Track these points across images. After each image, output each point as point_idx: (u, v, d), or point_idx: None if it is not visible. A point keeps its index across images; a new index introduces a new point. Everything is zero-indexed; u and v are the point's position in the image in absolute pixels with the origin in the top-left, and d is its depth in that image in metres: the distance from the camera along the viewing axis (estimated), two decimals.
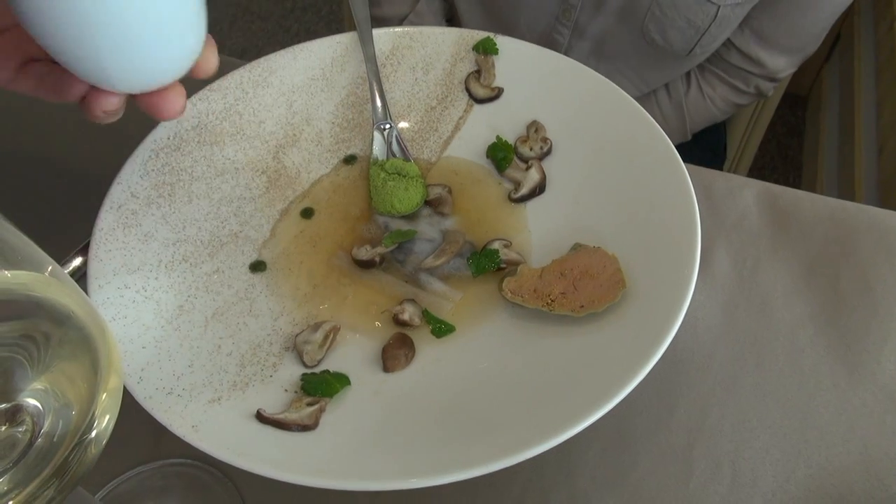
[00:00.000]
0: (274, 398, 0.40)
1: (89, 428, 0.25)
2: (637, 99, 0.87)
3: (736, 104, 0.83)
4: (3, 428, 0.25)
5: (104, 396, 0.25)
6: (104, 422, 0.25)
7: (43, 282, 0.25)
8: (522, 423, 0.37)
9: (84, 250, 0.51)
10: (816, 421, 0.43)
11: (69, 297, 0.26)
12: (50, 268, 0.26)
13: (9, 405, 0.25)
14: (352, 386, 0.41)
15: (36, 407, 0.26)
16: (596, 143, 0.51)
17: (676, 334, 0.37)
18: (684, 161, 0.46)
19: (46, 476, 0.24)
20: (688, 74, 0.82)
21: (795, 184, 1.61)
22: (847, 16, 1.55)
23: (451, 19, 0.90)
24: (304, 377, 0.41)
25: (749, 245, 0.51)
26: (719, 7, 0.69)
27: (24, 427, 0.25)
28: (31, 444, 0.25)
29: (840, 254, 0.51)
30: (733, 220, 0.53)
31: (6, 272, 0.25)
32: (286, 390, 0.41)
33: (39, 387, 0.26)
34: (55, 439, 0.25)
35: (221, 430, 0.36)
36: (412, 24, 0.55)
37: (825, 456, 0.42)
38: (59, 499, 0.25)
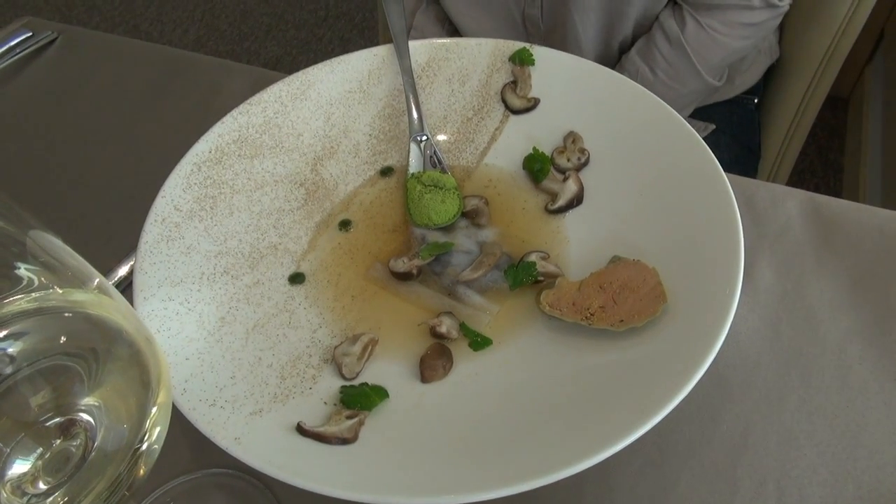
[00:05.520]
0: (314, 411, 0.40)
1: (141, 442, 0.25)
2: (628, 54, 0.81)
3: (748, 25, 0.74)
4: (58, 442, 0.26)
5: (155, 411, 0.25)
6: (154, 435, 0.26)
7: (95, 300, 0.26)
8: (562, 440, 0.37)
9: (127, 260, 0.52)
10: (866, 440, 0.42)
11: (119, 313, 0.27)
12: (98, 281, 0.27)
13: (63, 419, 0.26)
14: (390, 399, 0.41)
15: (89, 422, 0.26)
16: (634, 154, 0.50)
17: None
18: (716, 156, 0.45)
19: (101, 489, 0.25)
20: (680, 13, 0.76)
21: (836, 188, 1.56)
22: (890, 13, 1.50)
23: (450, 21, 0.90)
24: (344, 390, 0.41)
25: (793, 257, 0.50)
26: None
27: (78, 441, 0.26)
28: (84, 458, 0.26)
29: (889, 266, 0.49)
30: (776, 231, 0.52)
31: (59, 290, 0.26)
32: (326, 403, 0.41)
33: (92, 402, 0.26)
34: (108, 453, 0.26)
35: (263, 442, 0.37)
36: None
37: (876, 477, 0.40)
38: None
